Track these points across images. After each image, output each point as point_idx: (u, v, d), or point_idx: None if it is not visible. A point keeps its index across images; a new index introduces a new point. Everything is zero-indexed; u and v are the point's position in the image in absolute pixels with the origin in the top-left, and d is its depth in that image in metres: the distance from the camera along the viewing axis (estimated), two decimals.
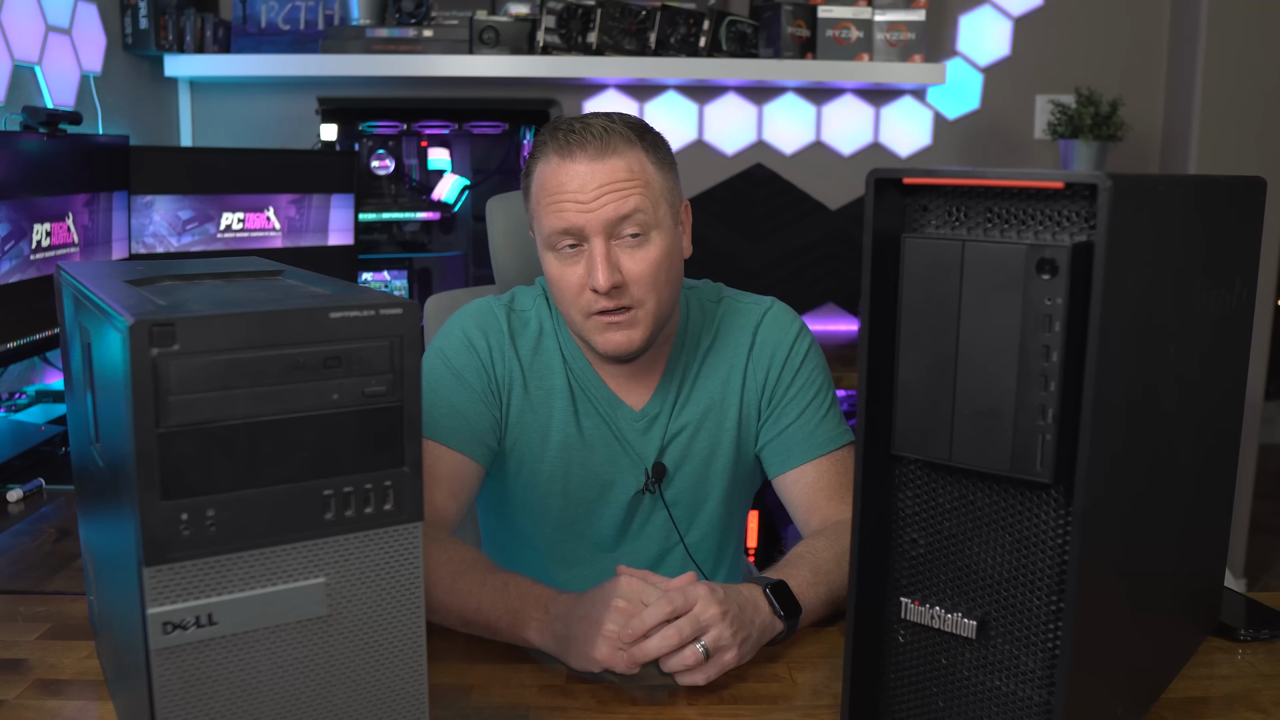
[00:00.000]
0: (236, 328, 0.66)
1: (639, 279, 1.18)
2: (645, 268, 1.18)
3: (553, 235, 1.18)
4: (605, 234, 1.16)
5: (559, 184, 1.17)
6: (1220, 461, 1.01)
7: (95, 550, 0.90)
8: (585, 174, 1.16)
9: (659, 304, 1.21)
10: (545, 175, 1.19)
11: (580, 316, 1.21)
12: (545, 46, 2.63)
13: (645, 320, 1.20)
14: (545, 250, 1.21)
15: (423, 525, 0.75)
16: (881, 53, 2.77)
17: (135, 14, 2.51)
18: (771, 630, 1.03)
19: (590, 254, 1.17)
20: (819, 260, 3.06)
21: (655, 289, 1.19)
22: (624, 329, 1.19)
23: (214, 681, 0.69)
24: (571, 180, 1.16)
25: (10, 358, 1.73)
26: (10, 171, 1.67)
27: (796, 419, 1.30)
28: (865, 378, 0.79)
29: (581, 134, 1.17)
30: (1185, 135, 2.90)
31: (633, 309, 1.19)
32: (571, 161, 1.16)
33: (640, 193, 1.17)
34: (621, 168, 1.16)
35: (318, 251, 2.44)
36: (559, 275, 1.20)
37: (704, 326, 1.33)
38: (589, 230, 1.16)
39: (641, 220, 1.17)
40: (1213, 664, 1.02)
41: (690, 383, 1.31)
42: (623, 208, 1.16)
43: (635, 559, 1.31)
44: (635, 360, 1.27)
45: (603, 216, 1.16)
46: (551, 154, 1.18)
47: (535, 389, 1.28)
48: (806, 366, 1.32)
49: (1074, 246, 0.70)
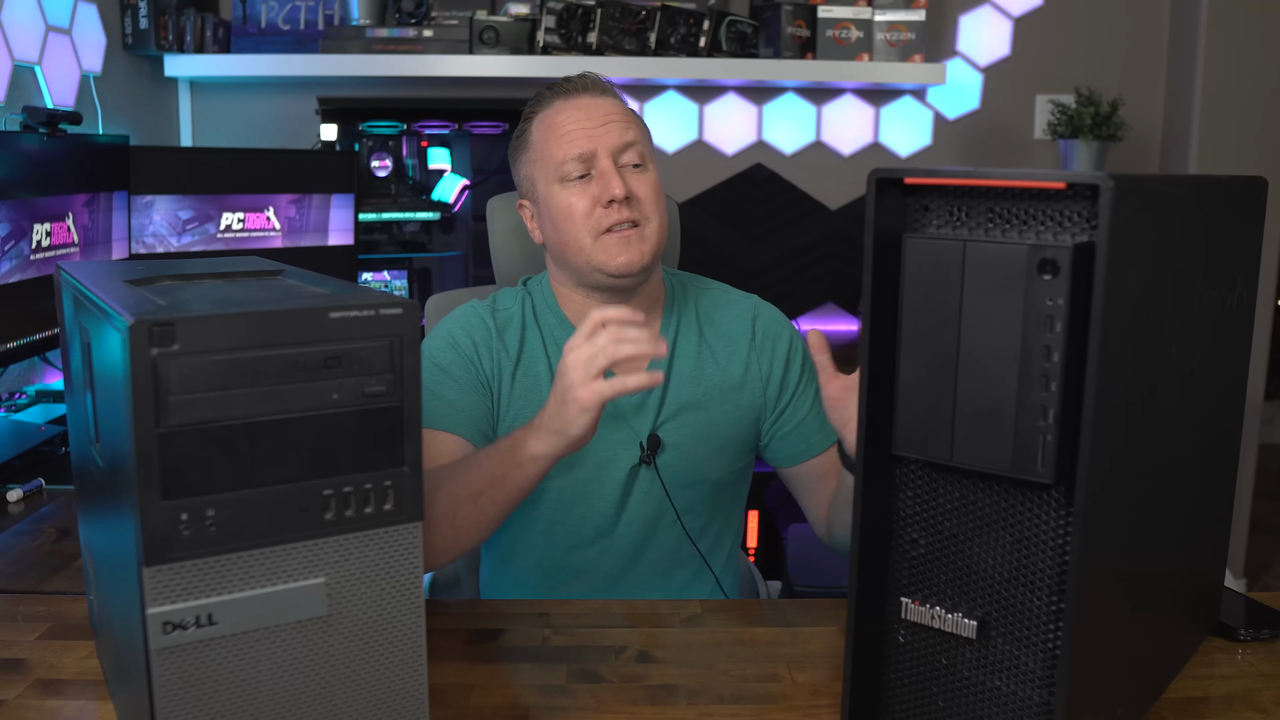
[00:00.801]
0: (236, 328, 0.66)
1: (645, 198, 1.29)
2: (649, 190, 1.29)
3: (566, 163, 1.28)
4: (612, 156, 1.28)
5: (567, 117, 1.29)
6: (1220, 461, 1.01)
7: (95, 550, 0.90)
8: (590, 105, 1.29)
9: (660, 225, 1.30)
10: (550, 116, 1.31)
11: (590, 238, 1.27)
12: (545, 46, 2.63)
13: (651, 238, 1.29)
14: (552, 184, 1.29)
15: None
16: (881, 53, 2.77)
17: (135, 14, 2.51)
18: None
19: (602, 171, 1.27)
20: (819, 260, 3.06)
21: (657, 210, 1.30)
22: (634, 244, 1.27)
23: (214, 681, 0.69)
24: (578, 112, 1.29)
25: (10, 358, 1.72)
26: (10, 171, 1.67)
27: (810, 411, 1.37)
28: (866, 378, 0.79)
29: (577, 80, 1.32)
30: (1185, 135, 2.90)
31: (640, 224, 1.28)
32: (576, 99, 1.30)
33: (637, 127, 1.32)
34: (618, 106, 1.32)
35: (318, 251, 2.44)
36: (568, 203, 1.28)
37: (691, 300, 1.39)
38: (599, 152, 1.27)
39: (640, 150, 1.30)
40: (1213, 664, 1.02)
41: (688, 358, 1.35)
42: (626, 135, 1.29)
43: (631, 533, 1.34)
44: (635, 292, 1.32)
45: (610, 140, 1.28)
46: (554, 99, 1.31)
47: (523, 377, 1.31)
48: (807, 361, 1.39)
49: (1075, 247, 0.70)
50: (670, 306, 1.38)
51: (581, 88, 1.31)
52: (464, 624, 1.11)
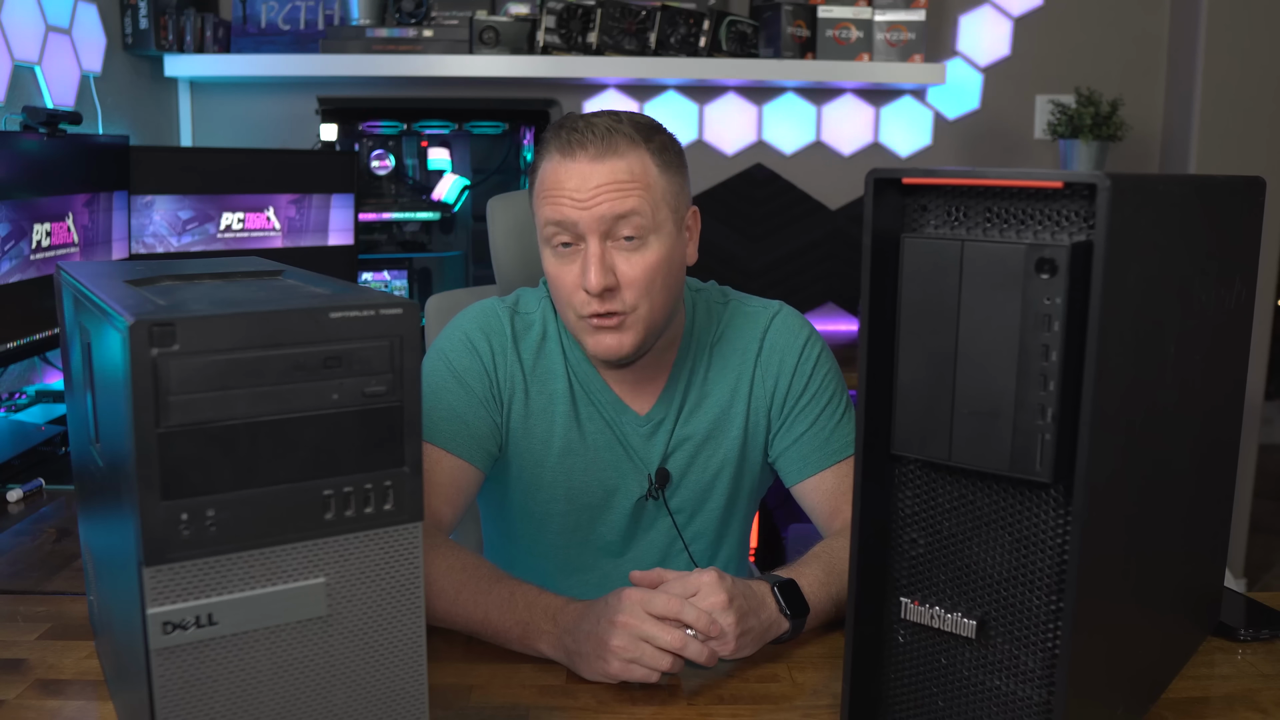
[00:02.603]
0: (236, 328, 0.66)
1: (632, 283, 1.16)
2: (639, 272, 1.16)
3: (548, 227, 1.18)
4: (600, 234, 1.15)
5: (558, 181, 1.16)
6: (1220, 461, 1.01)
7: (95, 550, 0.90)
8: (585, 172, 1.15)
9: (652, 310, 1.19)
10: (546, 172, 1.18)
11: (573, 317, 1.20)
12: (545, 46, 2.63)
13: (636, 326, 1.18)
14: (543, 246, 1.21)
15: (425, 528, 0.75)
16: (881, 53, 2.77)
17: (135, 14, 2.51)
18: (777, 628, 1.03)
19: (585, 254, 1.16)
20: (819, 260, 3.06)
21: (649, 295, 1.18)
22: (614, 333, 1.18)
23: (214, 681, 0.69)
24: (570, 178, 1.16)
25: (10, 358, 1.72)
26: (10, 171, 1.67)
27: (810, 427, 1.28)
28: (865, 378, 0.79)
29: (584, 133, 1.16)
30: (1185, 135, 2.90)
31: (624, 314, 1.17)
32: (572, 160, 1.16)
33: (639, 195, 1.15)
34: (622, 168, 1.15)
35: (318, 251, 2.44)
36: (555, 273, 1.20)
37: (710, 329, 1.31)
38: (584, 228, 1.15)
39: (638, 223, 1.16)
40: (1213, 664, 1.02)
41: (697, 388, 1.30)
42: (619, 208, 1.14)
43: (638, 565, 1.30)
44: (632, 365, 1.26)
45: (598, 215, 1.14)
46: (554, 151, 1.18)
47: (537, 394, 1.27)
48: (818, 373, 1.30)
49: (1073, 246, 0.70)
50: (688, 339, 1.30)
51: (581, 145, 1.15)
52: None
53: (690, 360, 1.30)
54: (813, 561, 1.12)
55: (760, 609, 1.01)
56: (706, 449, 1.30)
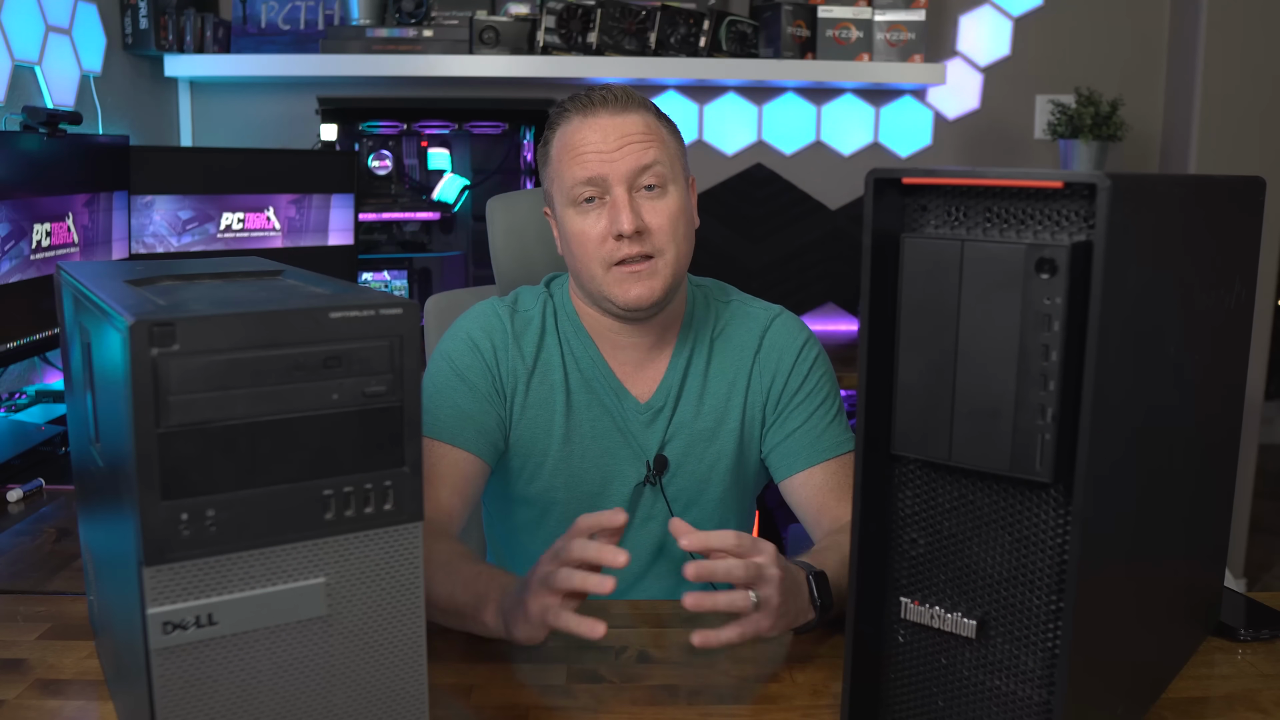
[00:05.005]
0: (236, 328, 0.66)
1: (659, 228, 1.23)
2: (664, 218, 1.23)
3: (576, 186, 1.23)
4: (626, 183, 1.22)
5: (582, 138, 1.23)
6: (1220, 461, 1.01)
7: (95, 550, 0.90)
8: (607, 126, 1.23)
9: (677, 256, 1.25)
10: (568, 134, 1.25)
11: (601, 269, 1.23)
12: (545, 46, 2.63)
13: (665, 270, 1.24)
14: (566, 207, 1.25)
15: (423, 523, 0.75)
16: (881, 53, 2.77)
17: (135, 14, 2.51)
18: (804, 616, 1.03)
19: (613, 201, 1.22)
20: (819, 260, 3.06)
21: (674, 239, 1.24)
22: (645, 279, 1.23)
23: (214, 681, 0.69)
24: (594, 133, 1.23)
25: (10, 358, 1.73)
26: (10, 171, 1.67)
27: (803, 424, 1.31)
28: (865, 378, 0.79)
29: (602, 94, 1.26)
30: (1185, 135, 2.90)
31: (653, 257, 1.23)
32: (594, 117, 1.24)
33: (658, 146, 1.24)
34: (640, 123, 1.24)
35: (318, 251, 2.44)
36: (580, 229, 1.24)
37: (710, 319, 1.35)
38: (611, 179, 1.22)
39: (659, 172, 1.23)
40: (1213, 664, 1.02)
41: (697, 379, 1.32)
42: (643, 158, 1.22)
43: (635, 553, 1.32)
44: (652, 321, 1.28)
45: (624, 165, 1.22)
46: (573, 115, 1.25)
47: (538, 385, 1.29)
48: (814, 374, 1.34)
49: (1073, 246, 0.70)
50: (687, 326, 1.33)
51: (601, 103, 1.24)
52: None
53: (690, 347, 1.33)
54: (832, 552, 1.11)
55: (799, 593, 1.02)
56: (704, 440, 1.32)
